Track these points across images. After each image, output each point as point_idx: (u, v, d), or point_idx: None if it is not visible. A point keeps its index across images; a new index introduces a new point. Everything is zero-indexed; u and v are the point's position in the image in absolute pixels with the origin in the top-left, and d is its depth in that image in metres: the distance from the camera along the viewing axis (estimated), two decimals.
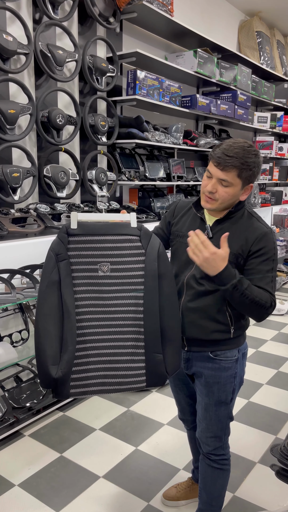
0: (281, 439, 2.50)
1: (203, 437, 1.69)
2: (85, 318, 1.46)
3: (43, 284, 1.42)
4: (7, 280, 2.40)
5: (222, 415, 1.65)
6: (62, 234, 1.43)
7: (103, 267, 1.44)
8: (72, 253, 1.44)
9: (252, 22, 4.95)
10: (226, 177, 1.46)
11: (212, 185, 1.49)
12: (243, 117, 4.41)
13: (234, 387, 1.63)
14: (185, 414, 1.90)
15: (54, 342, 1.41)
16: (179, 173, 3.73)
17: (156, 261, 1.46)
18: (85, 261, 1.44)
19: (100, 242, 1.44)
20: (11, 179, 2.43)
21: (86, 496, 2.07)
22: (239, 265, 1.51)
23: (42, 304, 1.42)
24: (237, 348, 1.61)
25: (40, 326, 1.41)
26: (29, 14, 2.61)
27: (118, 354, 1.47)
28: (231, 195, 1.50)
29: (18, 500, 2.03)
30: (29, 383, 2.71)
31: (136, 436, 2.52)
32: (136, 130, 3.16)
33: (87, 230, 1.44)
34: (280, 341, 3.98)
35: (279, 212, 6.12)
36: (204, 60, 3.75)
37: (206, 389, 1.62)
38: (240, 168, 1.45)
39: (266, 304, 1.45)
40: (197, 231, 1.44)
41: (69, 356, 1.41)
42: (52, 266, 1.41)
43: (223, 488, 1.76)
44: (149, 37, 3.67)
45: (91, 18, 2.96)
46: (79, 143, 3.06)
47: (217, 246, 1.47)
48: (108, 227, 1.44)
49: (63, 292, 1.42)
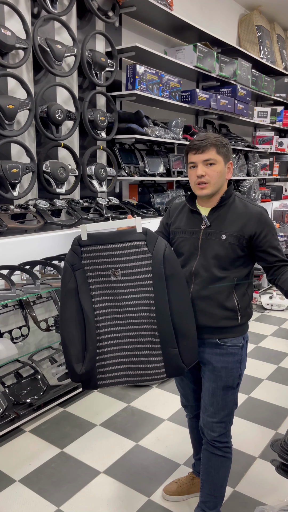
0: (281, 434, 2.50)
1: (209, 422, 1.72)
2: (104, 319, 1.62)
3: (63, 292, 1.59)
4: (7, 276, 2.40)
5: (229, 400, 1.71)
6: (75, 246, 1.59)
7: (115, 273, 1.58)
8: (85, 262, 1.59)
9: (252, 16, 4.92)
10: (208, 156, 1.58)
11: (200, 169, 1.59)
12: (243, 112, 4.39)
13: (240, 372, 1.71)
14: (189, 400, 1.93)
15: (76, 343, 1.59)
16: (179, 169, 3.72)
17: (162, 264, 1.56)
18: (98, 268, 1.59)
19: (110, 250, 1.57)
20: (10, 175, 2.42)
21: (86, 491, 2.07)
22: (241, 246, 1.60)
23: (63, 310, 1.60)
24: (242, 336, 1.71)
25: (64, 330, 1.59)
26: (27, 8, 2.59)
27: (138, 349, 1.62)
28: (219, 172, 1.61)
29: (19, 495, 2.04)
30: (29, 379, 2.71)
31: (137, 432, 2.52)
32: (135, 125, 3.15)
33: (97, 240, 1.57)
34: (280, 337, 3.98)
35: (279, 208, 6.11)
36: (203, 55, 3.73)
37: (214, 374, 1.68)
38: (216, 145, 1.59)
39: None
40: None
41: (90, 354, 1.59)
42: (68, 276, 1.58)
43: (225, 478, 1.79)
44: (149, 31, 3.65)
45: (90, 12, 2.94)
46: (78, 139, 3.05)
47: (215, 233, 1.62)
48: (116, 236, 1.57)
49: (81, 297, 1.58)
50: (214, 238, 1.62)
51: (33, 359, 2.82)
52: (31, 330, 2.75)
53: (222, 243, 1.61)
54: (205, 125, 4.51)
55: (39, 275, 2.62)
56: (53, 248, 2.87)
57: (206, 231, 1.64)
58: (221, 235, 1.61)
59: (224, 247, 1.60)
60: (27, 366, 2.78)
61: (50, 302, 2.94)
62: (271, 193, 5.31)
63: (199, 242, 1.65)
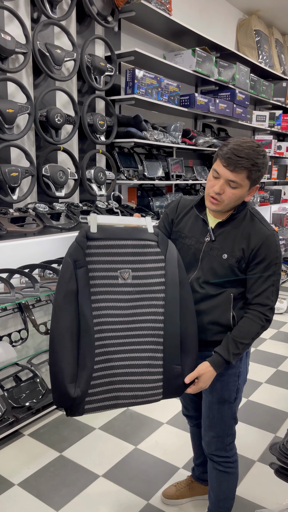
0: (280, 437, 2.50)
1: (205, 436, 1.69)
2: (104, 329, 1.36)
3: (60, 294, 1.31)
4: (6, 279, 2.40)
5: (226, 415, 1.63)
6: (81, 238, 1.34)
7: (124, 274, 1.37)
8: (90, 259, 1.34)
9: (250, 20, 4.95)
10: (236, 178, 1.41)
11: (220, 186, 1.44)
12: (242, 116, 4.41)
13: (238, 386, 1.62)
14: (189, 410, 1.91)
15: (71, 358, 1.30)
16: (178, 172, 3.73)
17: (177, 268, 1.43)
18: (105, 268, 1.36)
19: (122, 247, 1.36)
20: (10, 178, 2.43)
21: (85, 495, 2.07)
22: (240, 268, 1.50)
23: (59, 317, 1.31)
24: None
25: (56, 341, 1.30)
26: (27, 13, 2.60)
27: (134, 366, 1.40)
28: (238, 197, 1.46)
29: (17, 499, 2.03)
30: (28, 382, 2.71)
31: (136, 435, 2.52)
32: (134, 129, 3.16)
33: (108, 234, 1.35)
34: (279, 340, 3.98)
35: (277, 211, 6.13)
36: (202, 59, 3.75)
37: (210, 386, 1.60)
38: (250, 170, 1.41)
39: (258, 329, 1.49)
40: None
41: (87, 373, 1.33)
42: (69, 274, 1.32)
43: (230, 491, 1.72)
44: (148, 36, 3.67)
45: (89, 17, 2.96)
46: (77, 143, 3.06)
47: (218, 249, 1.51)
48: (129, 232, 1.38)
49: (81, 304, 1.32)
50: (215, 256, 1.52)
51: (32, 363, 2.82)
52: (30, 333, 2.75)
53: (222, 263, 1.51)
54: (204, 129, 4.53)
55: (38, 279, 2.63)
56: (52, 251, 2.88)
57: (209, 245, 1.54)
58: (222, 253, 1.51)
59: (224, 267, 1.51)
60: (26, 370, 2.78)
61: (49, 306, 2.94)
62: (269, 197, 5.33)
63: (201, 254, 1.55)
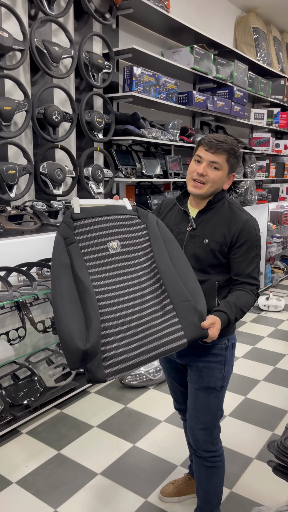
0: (278, 435, 2.51)
1: (193, 428, 1.69)
2: (105, 296, 1.41)
3: (56, 266, 1.41)
4: (4, 277, 2.40)
5: (212, 404, 1.66)
6: (67, 219, 1.47)
7: (113, 244, 1.49)
8: (79, 238, 1.46)
9: (248, 18, 4.94)
10: (217, 159, 1.56)
11: (203, 168, 1.57)
12: (240, 113, 4.40)
13: (224, 374, 1.66)
14: (180, 403, 1.91)
15: (76, 318, 1.33)
16: (176, 170, 3.73)
17: (156, 227, 1.56)
18: (94, 243, 1.47)
19: (105, 222, 1.51)
20: (7, 176, 2.42)
21: (83, 493, 2.07)
22: (223, 252, 1.59)
23: (58, 285, 1.37)
24: (226, 337, 1.65)
25: (59, 305, 1.34)
26: (24, 10, 2.59)
27: (143, 315, 1.41)
28: (220, 179, 1.59)
29: (15, 497, 2.03)
30: (26, 380, 2.71)
31: (134, 433, 2.52)
32: (132, 127, 3.15)
33: (90, 213, 1.50)
34: (276, 338, 3.99)
35: (275, 209, 6.13)
36: (200, 57, 3.74)
37: (196, 374, 1.65)
38: (229, 153, 1.57)
39: (253, 301, 1.58)
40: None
41: (95, 327, 1.32)
42: (62, 249, 1.43)
43: (219, 485, 1.75)
44: (146, 33, 3.66)
45: (87, 14, 2.95)
46: (75, 140, 3.05)
47: (199, 236, 1.62)
48: (109, 209, 1.54)
49: (77, 271, 1.40)
50: (197, 242, 1.61)
51: (30, 361, 2.82)
52: (28, 331, 2.75)
53: (203, 247, 1.60)
54: (202, 126, 4.52)
55: (36, 277, 2.62)
56: (50, 249, 2.85)
57: (191, 233, 1.64)
58: (204, 239, 1.60)
59: (206, 251, 1.59)
60: (24, 368, 2.78)
61: (47, 304, 2.94)
62: (267, 195, 5.33)
63: (184, 243, 1.64)
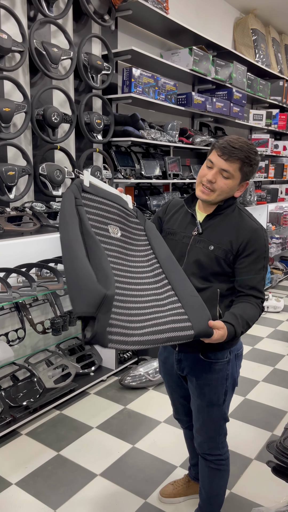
0: (277, 435, 2.51)
1: (197, 437, 1.69)
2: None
3: (65, 213, 1.29)
4: (3, 279, 2.40)
5: (215, 417, 1.63)
6: (78, 184, 1.41)
7: (114, 229, 1.44)
8: (85, 207, 1.39)
9: (247, 19, 4.95)
10: (229, 167, 1.46)
11: (213, 175, 1.48)
12: (239, 114, 4.41)
13: (226, 389, 1.60)
14: (179, 414, 1.88)
15: (88, 266, 1.17)
16: (175, 171, 3.73)
17: (155, 229, 1.56)
18: (97, 219, 1.41)
19: (109, 206, 1.47)
20: (7, 177, 2.42)
21: (83, 494, 2.07)
22: (227, 261, 1.50)
23: (69, 226, 1.26)
24: (229, 350, 1.58)
25: (75, 247, 1.20)
26: (23, 11, 2.60)
27: (151, 306, 1.33)
28: (229, 188, 1.50)
29: (15, 498, 2.03)
30: (25, 381, 2.70)
31: (133, 434, 2.52)
32: (131, 128, 3.16)
33: (98, 192, 1.46)
34: (276, 338, 3.99)
35: (274, 210, 6.13)
36: (199, 58, 3.75)
37: (198, 390, 1.60)
38: (243, 161, 1.47)
39: (258, 315, 1.50)
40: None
41: (111, 280, 1.18)
42: (72, 204, 1.33)
43: (221, 488, 1.75)
44: (145, 34, 3.66)
45: (86, 15, 2.95)
46: (74, 141, 3.05)
47: (204, 241, 1.53)
48: (115, 197, 1.50)
49: (87, 226, 1.30)
50: (202, 247, 1.53)
51: (29, 362, 2.81)
52: (27, 332, 2.75)
53: (208, 254, 1.51)
54: (201, 127, 4.53)
55: (35, 278, 2.62)
56: (49, 250, 2.87)
57: (196, 238, 1.55)
58: (209, 245, 1.51)
59: (210, 258, 1.51)
60: (23, 369, 2.77)
61: (46, 305, 2.94)
62: (266, 196, 5.33)
63: (187, 248, 1.56)
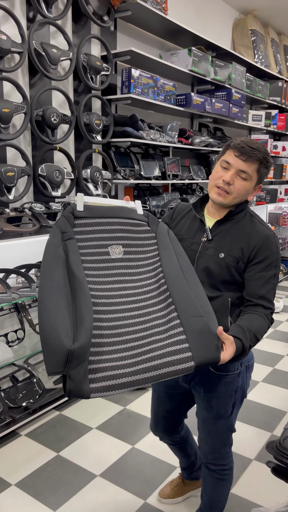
0: (276, 436, 2.51)
1: (202, 446, 1.65)
2: (100, 301, 1.22)
3: (48, 256, 1.22)
4: (2, 279, 2.40)
5: (221, 428, 1.58)
6: (68, 214, 1.31)
7: (115, 250, 1.33)
8: (78, 237, 1.30)
9: (246, 20, 4.95)
10: (247, 168, 1.41)
11: (231, 176, 1.42)
12: (238, 115, 4.41)
13: (234, 401, 1.56)
14: (158, 429, 1.79)
15: (64, 315, 1.11)
16: (174, 172, 3.73)
17: (167, 237, 1.41)
18: (94, 244, 1.31)
19: (109, 225, 1.35)
20: (6, 178, 2.42)
21: (83, 495, 2.07)
22: (239, 269, 1.45)
23: (48, 274, 1.18)
24: (239, 361, 1.51)
25: (46, 297, 1.14)
26: (22, 12, 2.60)
27: (149, 334, 1.20)
28: (246, 190, 1.45)
29: (15, 499, 2.03)
30: (25, 382, 2.70)
31: (133, 435, 2.52)
32: (131, 128, 3.16)
33: (94, 212, 1.34)
34: (275, 339, 3.99)
35: (274, 210, 6.14)
36: (198, 59, 3.75)
37: (205, 402, 1.56)
38: (261, 162, 1.42)
39: (267, 328, 1.41)
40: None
41: (86, 326, 1.11)
42: (57, 241, 1.24)
43: (224, 495, 1.72)
44: (144, 35, 3.67)
45: (85, 16, 2.95)
46: (74, 142, 3.05)
47: (214, 249, 1.46)
48: (116, 211, 1.38)
49: (73, 267, 1.20)
50: (211, 255, 1.46)
51: (29, 363, 2.81)
52: (26, 333, 2.74)
53: (218, 262, 1.45)
54: (200, 128, 4.53)
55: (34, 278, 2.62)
56: None
57: (205, 245, 1.49)
58: (219, 252, 1.45)
59: (220, 266, 1.45)
60: (22, 370, 2.77)
61: None
62: (266, 196, 5.34)
63: (196, 255, 1.49)
